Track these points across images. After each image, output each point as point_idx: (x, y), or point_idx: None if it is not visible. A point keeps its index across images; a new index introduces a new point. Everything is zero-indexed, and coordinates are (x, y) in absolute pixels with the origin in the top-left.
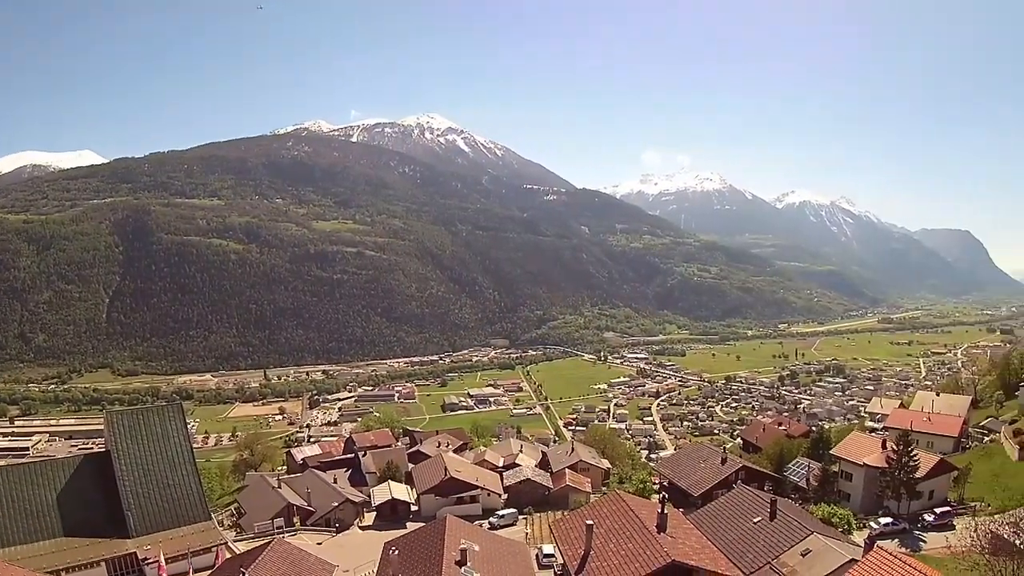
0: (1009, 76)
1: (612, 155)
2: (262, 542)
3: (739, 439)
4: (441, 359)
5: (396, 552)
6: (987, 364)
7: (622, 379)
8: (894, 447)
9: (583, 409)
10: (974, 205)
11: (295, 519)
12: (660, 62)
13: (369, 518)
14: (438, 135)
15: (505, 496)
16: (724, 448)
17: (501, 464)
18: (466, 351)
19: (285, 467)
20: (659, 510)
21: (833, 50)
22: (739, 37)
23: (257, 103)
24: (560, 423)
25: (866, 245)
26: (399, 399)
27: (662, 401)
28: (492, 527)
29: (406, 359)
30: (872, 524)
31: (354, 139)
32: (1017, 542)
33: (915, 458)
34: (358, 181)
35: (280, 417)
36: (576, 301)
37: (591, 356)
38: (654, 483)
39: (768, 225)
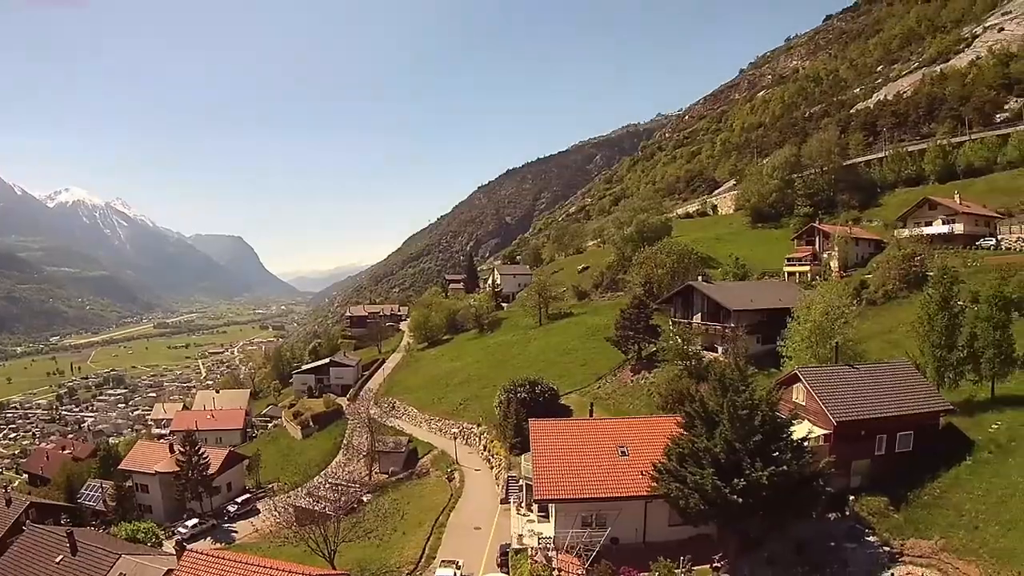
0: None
1: None
2: None
3: (24, 474)
4: None
5: None
6: (262, 358)
7: None
8: (181, 449)
9: None
10: (245, 212)
11: None
12: None
13: None
14: None
15: None
16: (7, 487)
17: None
18: None
19: None
20: None
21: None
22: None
23: None
24: None
25: (141, 249)
26: None
27: None
28: None
29: None
30: (180, 529)
31: None
32: (316, 508)
33: (204, 456)
34: None
35: None
36: None
37: None
38: None
39: (38, 225)
